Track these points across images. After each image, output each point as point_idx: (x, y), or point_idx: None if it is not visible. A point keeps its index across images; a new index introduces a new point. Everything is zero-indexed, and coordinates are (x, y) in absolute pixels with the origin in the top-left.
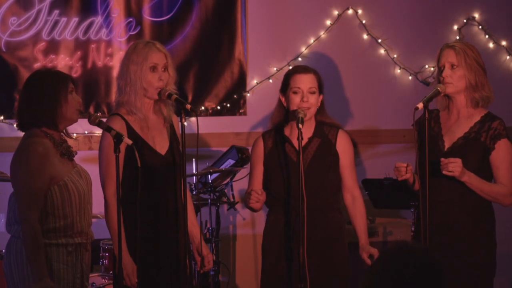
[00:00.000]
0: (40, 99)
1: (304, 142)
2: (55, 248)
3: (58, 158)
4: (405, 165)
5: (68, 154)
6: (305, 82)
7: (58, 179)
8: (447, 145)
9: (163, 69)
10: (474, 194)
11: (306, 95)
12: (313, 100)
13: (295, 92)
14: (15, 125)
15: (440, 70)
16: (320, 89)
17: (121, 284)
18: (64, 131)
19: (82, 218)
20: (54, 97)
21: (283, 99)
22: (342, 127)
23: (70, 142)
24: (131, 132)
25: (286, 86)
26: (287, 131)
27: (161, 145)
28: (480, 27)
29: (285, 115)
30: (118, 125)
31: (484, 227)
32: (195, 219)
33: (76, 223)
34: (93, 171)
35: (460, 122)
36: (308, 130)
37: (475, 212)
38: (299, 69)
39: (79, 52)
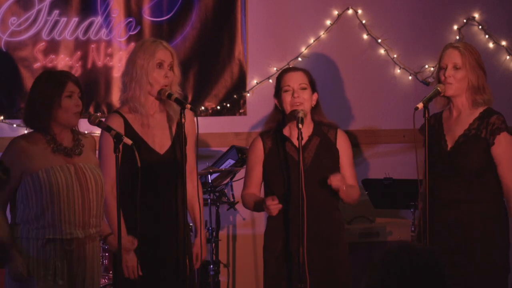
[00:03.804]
0: (34, 103)
1: (304, 141)
2: (25, 242)
3: (44, 153)
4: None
5: (64, 151)
6: (294, 79)
7: (31, 171)
8: (449, 144)
9: (169, 67)
10: (487, 193)
11: (297, 91)
12: (305, 96)
13: (286, 91)
14: (14, 125)
15: (442, 69)
16: (312, 87)
17: (122, 275)
18: (76, 130)
19: (55, 212)
20: (45, 102)
21: (277, 102)
22: (339, 127)
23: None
24: (129, 130)
25: (278, 88)
26: (286, 132)
27: (161, 144)
28: (480, 27)
29: (281, 118)
30: (116, 123)
31: (498, 226)
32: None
33: (47, 216)
34: None
35: (460, 120)
36: (307, 129)
37: (489, 211)
38: (287, 69)
39: (79, 52)
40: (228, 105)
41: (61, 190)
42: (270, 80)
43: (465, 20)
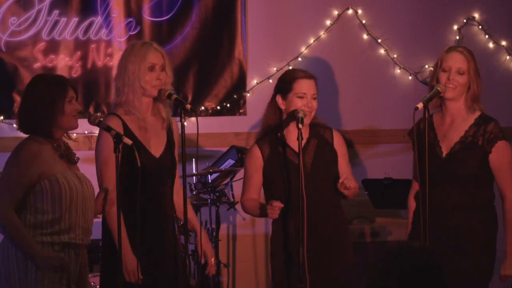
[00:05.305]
0: (35, 109)
1: (302, 144)
2: (40, 246)
3: (55, 158)
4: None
5: (67, 157)
6: (310, 88)
7: (49, 174)
8: (445, 151)
9: (161, 69)
10: (480, 200)
11: (310, 101)
12: (315, 106)
13: (300, 97)
14: (14, 125)
15: (445, 71)
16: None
17: (123, 281)
18: (65, 134)
19: (72, 216)
20: (48, 109)
21: (280, 101)
22: (332, 127)
23: (70, 144)
24: (128, 133)
25: (287, 90)
26: (283, 134)
27: (156, 148)
28: (480, 27)
29: (280, 117)
30: (115, 125)
31: (488, 233)
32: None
33: (65, 220)
34: (93, 170)
35: (455, 126)
36: (304, 132)
37: (481, 217)
38: (302, 74)
39: (79, 52)
40: (228, 105)
41: (79, 195)
42: (270, 80)
43: (465, 20)
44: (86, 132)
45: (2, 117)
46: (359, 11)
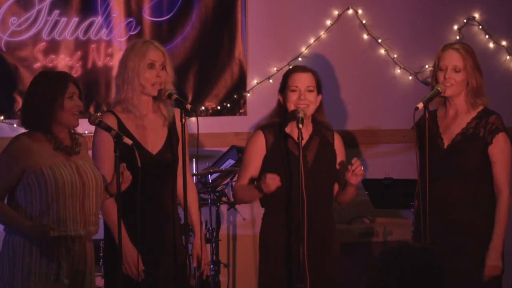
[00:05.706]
0: (36, 106)
1: (305, 141)
2: (28, 240)
3: (48, 151)
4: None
5: (63, 149)
6: (303, 80)
7: (35, 167)
8: (446, 142)
9: (161, 67)
10: (482, 193)
11: (304, 94)
12: (311, 98)
13: (293, 91)
14: (15, 125)
15: (442, 70)
16: (319, 89)
17: (123, 274)
18: (72, 131)
19: (60, 208)
20: (48, 104)
21: (281, 99)
22: (334, 129)
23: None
24: (123, 130)
25: (284, 85)
26: (287, 130)
27: (154, 145)
28: (480, 27)
29: (284, 115)
30: (109, 122)
31: (492, 226)
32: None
33: (52, 212)
34: None
35: (457, 119)
36: (306, 129)
37: (484, 211)
38: (297, 69)
39: (79, 52)
40: (228, 105)
41: (66, 185)
42: (271, 80)
43: (465, 20)
44: (86, 132)
45: (2, 117)
46: (359, 11)
